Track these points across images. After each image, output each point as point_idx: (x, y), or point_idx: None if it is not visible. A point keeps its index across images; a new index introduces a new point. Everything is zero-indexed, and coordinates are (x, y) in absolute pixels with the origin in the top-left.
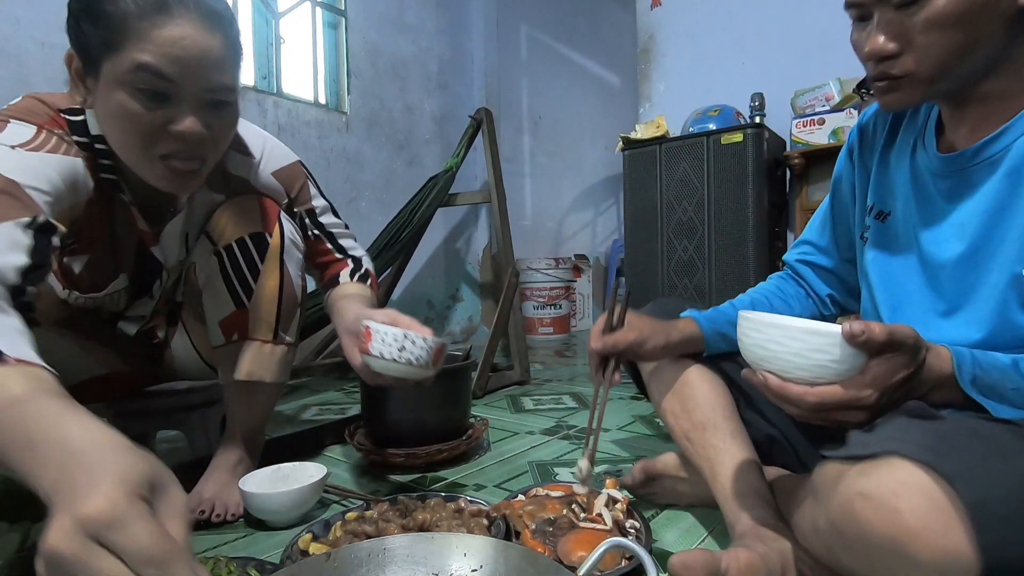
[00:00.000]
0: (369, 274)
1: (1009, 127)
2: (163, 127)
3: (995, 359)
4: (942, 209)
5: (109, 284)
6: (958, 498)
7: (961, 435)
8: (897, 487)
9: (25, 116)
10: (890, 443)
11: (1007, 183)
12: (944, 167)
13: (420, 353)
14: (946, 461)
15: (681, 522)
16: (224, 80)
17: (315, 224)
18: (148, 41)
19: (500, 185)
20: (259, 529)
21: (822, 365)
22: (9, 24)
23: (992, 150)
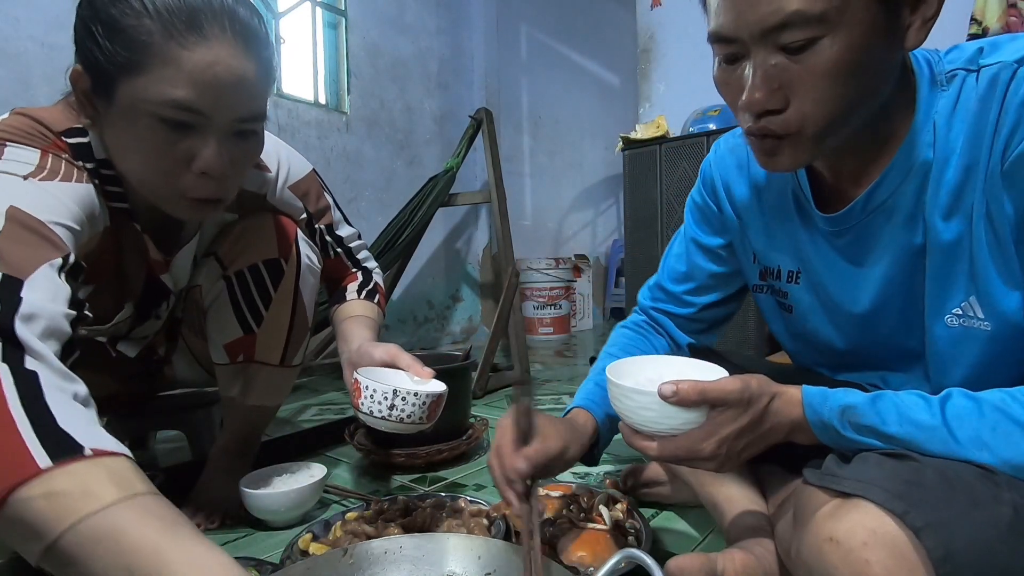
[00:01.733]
0: (378, 289)
1: (888, 173)
2: (184, 163)
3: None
4: (846, 269)
5: (115, 316)
6: (925, 552)
7: (933, 481)
8: (867, 536)
9: (22, 138)
10: (861, 484)
11: (905, 231)
12: (836, 226)
13: (412, 410)
14: (916, 511)
15: (680, 522)
16: (256, 109)
17: (335, 240)
18: (176, 66)
19: (500, 185)
20: (259, 529)
21: (653, 420)
22: (9, 24)
23: (878, 199)
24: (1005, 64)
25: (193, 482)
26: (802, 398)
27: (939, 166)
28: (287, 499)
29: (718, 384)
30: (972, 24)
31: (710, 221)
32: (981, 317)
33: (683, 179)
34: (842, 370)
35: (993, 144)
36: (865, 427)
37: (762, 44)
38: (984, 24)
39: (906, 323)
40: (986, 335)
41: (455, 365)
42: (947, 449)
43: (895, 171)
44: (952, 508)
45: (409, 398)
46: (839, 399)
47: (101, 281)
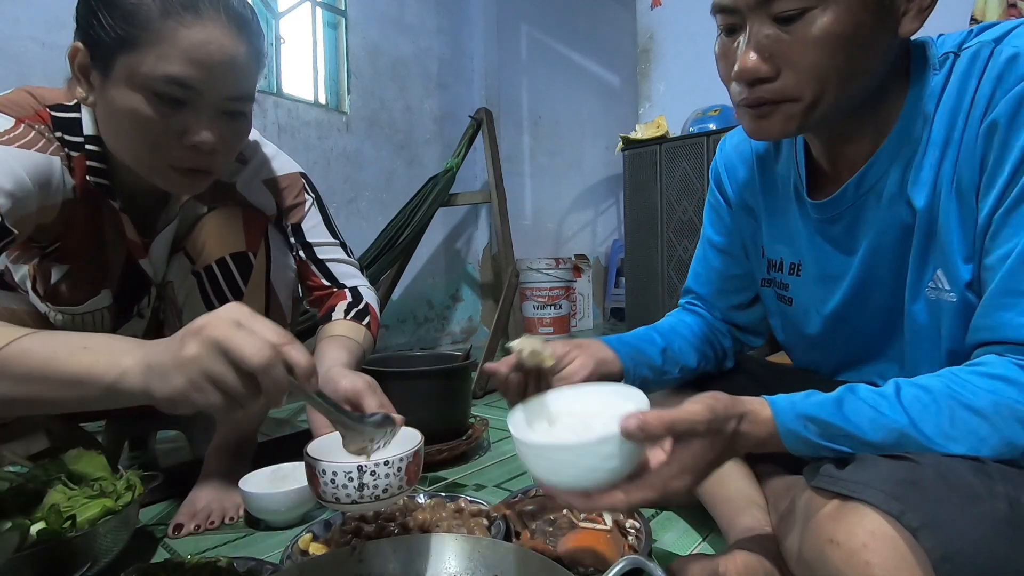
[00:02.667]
0: (368, 311)
1: (880, 155)
2: (175, 136)
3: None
4: (836, 256)
5: (89, 299)
6: (924, 553)
7: (929, 480)
8: (866, 538)
9: (6, 108)
10: (859, 486)
11: (890, 214)
12: (828, 211)
13: (387, 483)
14: (912, 511)
15: (680, 522)
16: (245, 89)
17: (301, 243)
18: (172, 43)
19: (500, 185)
20: (259, 529)
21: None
22: (9, 24)
23: (870, 181)
24: (984, 43)
25: (193, 482)
26: (772, 415)
27: (924, 145)
28: (287, 499)
29: (683, 414)
30: (972, 24)
31: (723, 220)
32: (947, 288)
33: (683, 179)
34: (840, 369)
35: (969, 117)
36: (841, 436)
37: (757, 14)
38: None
39: (887, 307)
40: (953, 307)
41: (455, 365)
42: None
43: (885, 153)
44: (948, 507)
45: (380, 470)
46: (807, 410)
47: (78, 259)
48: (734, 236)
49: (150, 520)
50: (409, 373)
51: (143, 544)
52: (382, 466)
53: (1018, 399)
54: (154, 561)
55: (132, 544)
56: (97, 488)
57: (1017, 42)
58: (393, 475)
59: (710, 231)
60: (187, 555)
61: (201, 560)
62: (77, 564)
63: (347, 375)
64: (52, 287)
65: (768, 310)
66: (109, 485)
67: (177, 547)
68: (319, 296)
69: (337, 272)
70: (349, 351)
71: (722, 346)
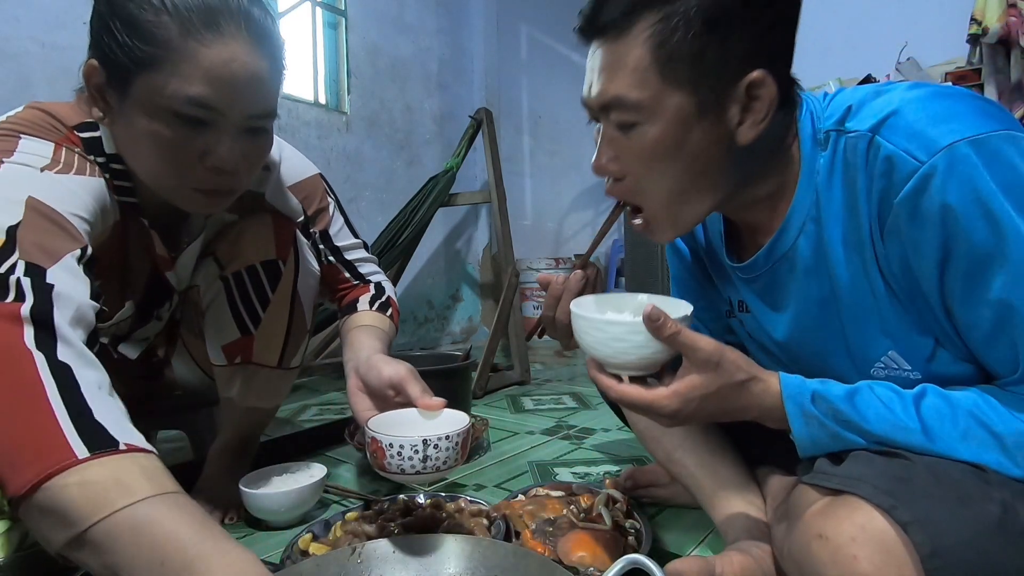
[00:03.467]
0: (390, 303)
1: (785, 226)
2: (198, 158)
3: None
4: (764, 308)
5: (116, 313)
6: (913, 547)
7: (922, 478)
8: (855, 532)
9: (36, 131)
10: (851, 481)
11: (808, 282)
12: (746, 274)
13: (447, 455)
14: (903, 506)
15: (680, 522)
16: (267, 106)
17: (330, 249)
18: (194, 63)
19: (500, 185)
20: (259, 529)
21: (622, 352)
22: (9, 24)
23: (779, 251)
24: (861, 134)
25: (193, 482)
26: (780, 389)
27: (827, 222)
28: (287, 499)
29: (695, 335)
30: (972, 24)
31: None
32: (908, 368)
33: None
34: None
35: (868, 208)
36: (845, 422)
37: (603, 117)
38: (984, 24)
39: (827, 363)
40: (917, 381)
41: (455, 365)
42: (924, 448)
43: (790, 226)
44: (940, 504)
45: (442, 444)
46: (817, 389)
47: (105, 277)
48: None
49: None
50: None
51: None
52: (444, 440)
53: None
54: None
55: None
56: None
57: (890, 138)
58: (452, 448)
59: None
60: None
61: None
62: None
63: (389, 363)
64: None
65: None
66: None
67: None
68: (344, 290)
69: (363, 270)
70: (380, 339)
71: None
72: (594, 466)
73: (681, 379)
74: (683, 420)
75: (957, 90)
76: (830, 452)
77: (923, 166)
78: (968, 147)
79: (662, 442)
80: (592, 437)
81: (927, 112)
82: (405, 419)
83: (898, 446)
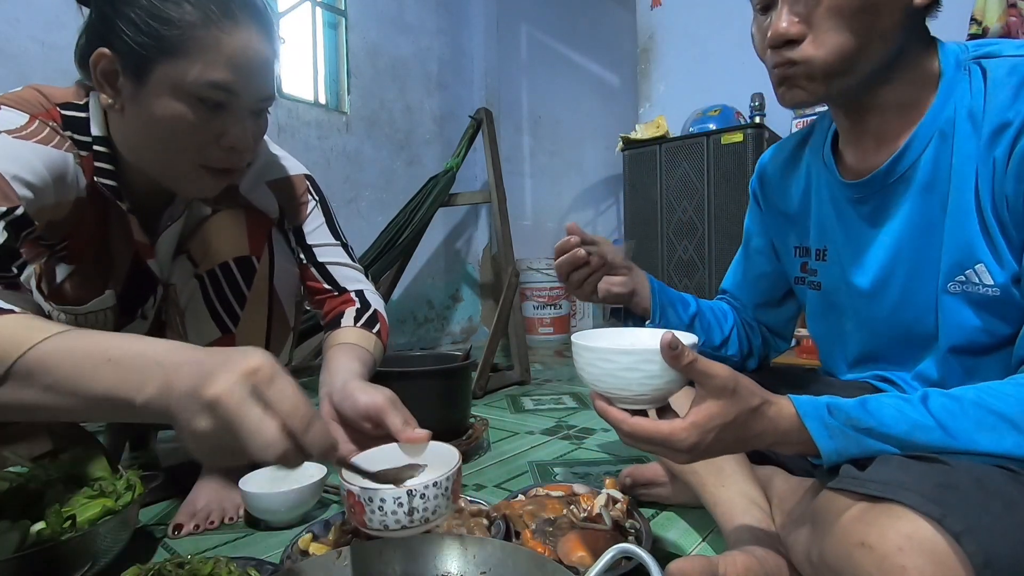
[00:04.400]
0: (378, 318)
1: (913, 140)
2: (215, 138)
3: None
4: (869, 236)
5: (93, 299)
6: (966, 557)
7: (966, 484)
8: (902, 542)
9: (18, 104)
10: (892, 488)
11: (922, 200)
12: (860, 192)
13: (436, 504)
14: (953, 515)
15: (681, 522)
16: (272, 89)
17: (301, 246)
18: (217, 50)
19: (500, 185)
20: (259, 529)
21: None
22: (9, 24)
23: (902, 166)
24: (1014, 55)
25: (193, 482)
26: (795, 408)
27: (958, 138)
28: (287, 499)
29: (710, 362)
30: (972, 24)
31: (756, 222)
32: (990, 284)
33: (683, 179)
34: (855, 365)
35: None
36: (867, 429)
37: None
38: (984, 24)
39: (910, 298)
40: (991, 300)
41: (455, 365)
42: (945, 445)
43: (917, 141)
44: (989, 512)
45: (429, 492)
46: (830, 402)
47: (83, 260)
48: (764, 237)
49: (150, 520)
50: (409, 373)
51: (143, 544)
52: (431, 488)
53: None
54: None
55: (132, 544)
56: (97, 488)
57: None
58: (442, 496)
59: (747, 233)
60: (187, 555)
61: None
62: (77, 564)
63: (365, 390)
64: (56, 287)
65: (806, 308)
66: (109, 485)
67: (177, 547)
68: (321, 299)
69: (338, 275)
70: (361, 361)
71: (749, 341)
72: (594, 466)
73: (698, 408)
74: (700, 454)
75: None
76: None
77: None
78: None
79: None
80: (592, 437)
81: None
82: (386, 457)
83: (920, 447)
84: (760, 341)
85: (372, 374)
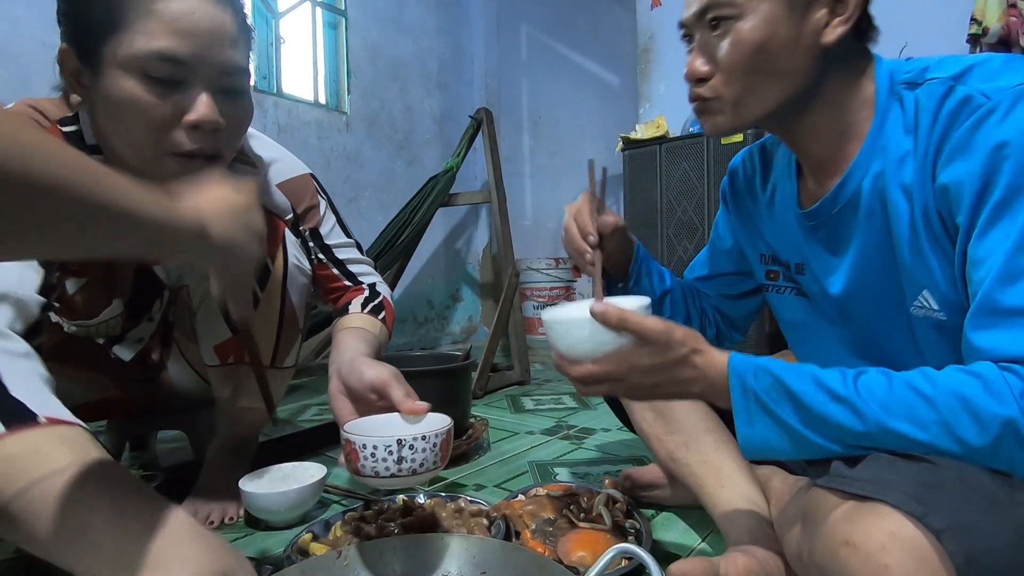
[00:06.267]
0: (384, 306)
1: (854, 168)
2: (175, 118)
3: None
4: (831, 260)
5: (103, 311)
6: (947, 555)
7: (950, 483)
8: (885, 540)
9: None
10: (877, 487)
11: (870, 227)
12: (812, 220)
13: (424, 456)
14: (935, 514)
15: (680, 522)
16: (237, 60)
17: (320, 247)
18: (154, 16)
19: (500, 185)
20: (259, 529)
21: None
22: (9, 24)
23: (845, 194)
24: (943, 80)
25: (193, 482)
26: (728, 361)
27: (894, 166)
28: (287, 499)
29: (640, 317)
30: (972, 24)
31: (723, 222)
32: (936, 308)
33: (683, 179)
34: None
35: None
36: (784, 393)
37: (698, 26)
38: (984, 24)
39: (880, 312)
40: (943, 323)
41: (455, 365)
42: (851, 421)
43: (858, 169)
44: (971, 510)
45: (418, 444)
46: (765, 364)
47: (91, 272)
48: (732, 238)
49: None
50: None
51: None
52: (419, 440)
53: (977, 392)
54: None
55: None
56: None
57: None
58: (429, 450)
59: (715, 231)
60: None
61: None
62: None
63: (372, 365)
64: (68, 300)
65: (777, 314)
66: None
67: None
68: (334, 288)
69: (355, 271)
70: (367, 342)
71: (703, 330)
72: (594, 466)
73: (631, 350)
74: (634, 387)
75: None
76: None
77: (989, 102)
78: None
79: (664, 442)
80: (592, 437)
81: (1008, 65)
82: (386, 423)
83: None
84: (714, 332)
85: (378, 355)
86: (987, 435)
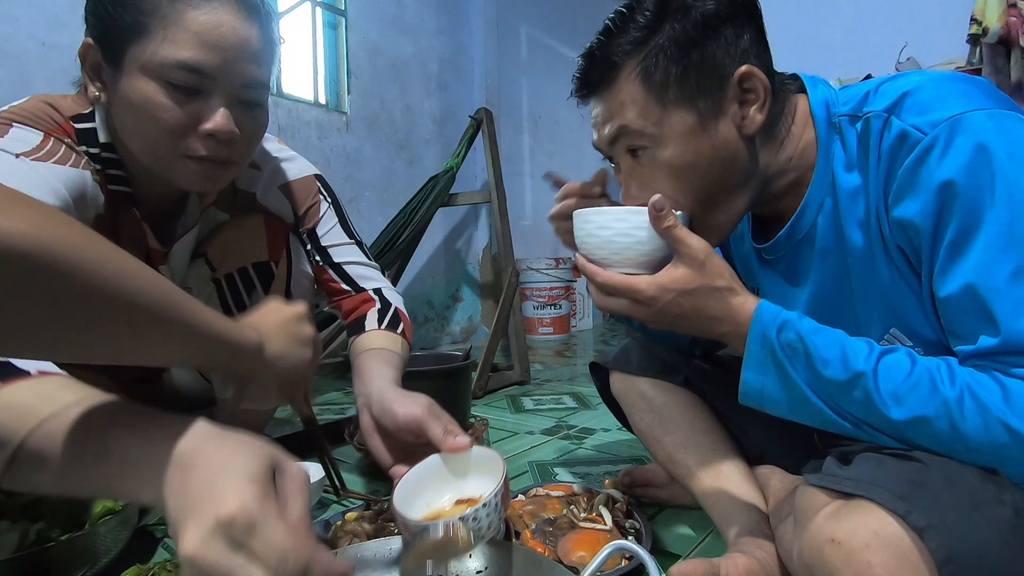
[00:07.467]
0: (400, 317)
1: (807, 204)
2: (192, 125)
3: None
4: (790, 291)
5: None
6: (929, 553)
7: (936, 482)
8: (869, 538)
9: (30, 121)
10: (863, 485)
11: (824, 263)
12: (769, 254)
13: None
14: (918, 511)
15: (680, 522)
16: (260, 75)
17: (317, 248)
18: (182, 26)
19: (500, 185)
20: None
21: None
22: (9, 24)
23: (800, 230)
24: (877, 114)
25: None
26: (755, 309)
27: (843, 202)
28: None
29: (688, 232)
30: (972, 24)
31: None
32: (911, 344)
33: None
34: None
35: (877, 185)
36: (800, 354)
37: (616, 152)
38: (984, 24)
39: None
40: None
41: (455, 365)
42: (865, 396)
43: (809, 206)
44: (955, 509)
45: (480, 513)
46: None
47: None
48: None
49: (150, 520)
50: (409, 373)
51: (143, 544)
52: (481, 510)
53: (995, 401)
54: (154, 561)
55: (132, 544)
56: None
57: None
58: (494, 511)
59: None
60: None
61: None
62: (77, 564)
63: (402, 402)
64: None
65: None
66: None
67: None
68: (340, 300)
69: (354, 274)
70: (392, 365)
71: None
72: (594, 466)
73: (667, 269)
74: (658, 312)
75: (971, 76)
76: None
77: (926, 138)
78: (970, 118)
79: (663, 442)
80: (592, 437)
81: (939, 92)
82: (431, 476)
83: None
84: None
85: (402, 373)
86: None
